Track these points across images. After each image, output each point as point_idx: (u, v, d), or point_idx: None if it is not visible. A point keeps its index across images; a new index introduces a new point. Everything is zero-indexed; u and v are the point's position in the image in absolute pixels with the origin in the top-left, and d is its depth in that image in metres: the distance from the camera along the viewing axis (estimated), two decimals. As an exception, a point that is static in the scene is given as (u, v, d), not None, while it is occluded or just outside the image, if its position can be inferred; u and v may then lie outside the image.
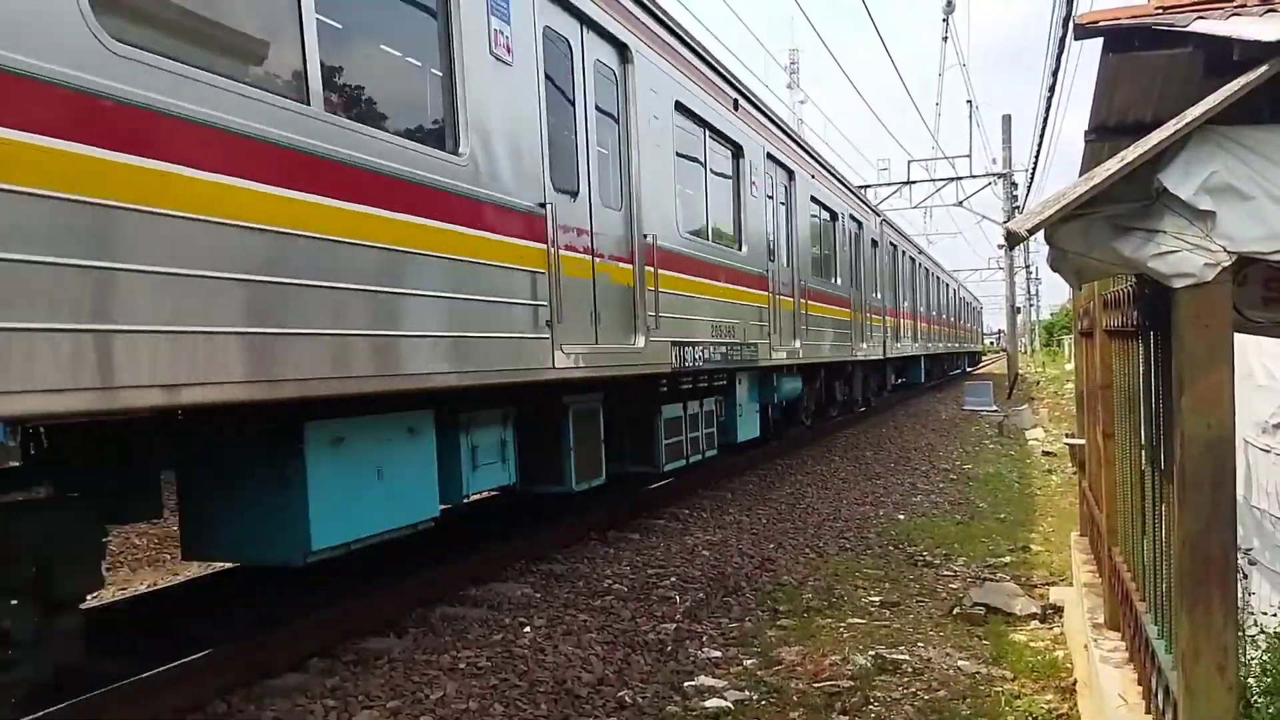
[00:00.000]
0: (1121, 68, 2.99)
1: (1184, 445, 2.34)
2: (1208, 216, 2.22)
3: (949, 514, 9.21)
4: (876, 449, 14.82)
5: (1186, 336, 2.32)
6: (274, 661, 4.72)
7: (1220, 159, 2.22)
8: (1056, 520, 8.72)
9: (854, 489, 10.82)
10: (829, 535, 8.17)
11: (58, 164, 2.94)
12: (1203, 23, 2.42)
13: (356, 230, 4.17)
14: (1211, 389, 2.31)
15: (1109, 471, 4.21)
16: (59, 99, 2.96)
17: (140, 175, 3.21)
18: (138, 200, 3.19)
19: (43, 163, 2.89)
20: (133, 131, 3.21)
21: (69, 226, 2.97)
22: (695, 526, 8.52)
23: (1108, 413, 4.27)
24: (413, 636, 5.30)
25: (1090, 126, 3.85)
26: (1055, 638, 5.18)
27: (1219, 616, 2.34)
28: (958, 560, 7.17)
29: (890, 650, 5.01)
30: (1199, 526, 2.35)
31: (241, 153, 3.61)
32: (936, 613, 5.77)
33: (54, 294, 2.92)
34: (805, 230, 12.76)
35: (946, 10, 23.59)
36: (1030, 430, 17.30)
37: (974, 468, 12.64)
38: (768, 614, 5.82)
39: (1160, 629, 2.91)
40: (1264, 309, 2.71)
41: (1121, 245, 2.33)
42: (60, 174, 2.95)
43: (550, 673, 4.71)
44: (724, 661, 4.96)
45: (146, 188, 3.22)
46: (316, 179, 3.97)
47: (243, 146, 3.62)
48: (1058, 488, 10.87)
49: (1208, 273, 2.24)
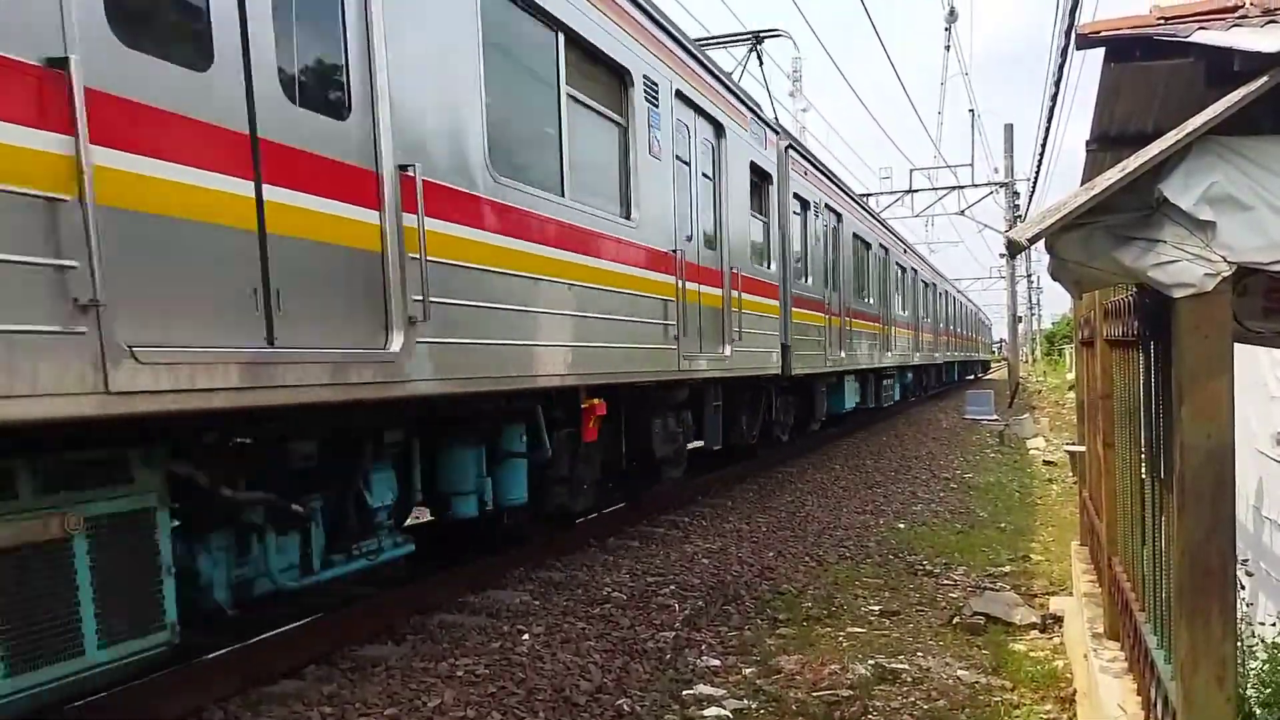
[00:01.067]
0: (1123, 78, 3.00)
1: (1184, 455, 2.34)
2: (1208, 226, 2.22)
3: (949, 523, 9.19)
4: (877, 457, 14.80)
5: (1186, 346, 2.32)
6: (271, 668, 4.70)
7: (1221, 169, 2.22)
8: (1057, 529, 8.71)
9: (854, 497, 10.81)
10: (829, 543, 8.15)
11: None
12: (1204, 33, 2.42)
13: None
14: (1211, 399, 2.31)
15: (1109, 481, 4.21)
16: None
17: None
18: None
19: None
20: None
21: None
22: (695, 534, 8.51)
23: (1108, 422, 4.27)
24: (410, 644, 5.29)
25: (1092, 136, 3.86)
26: (1055, 647, 5.16)
27: (1218, 627, 2.34)
28: (958, 569, 7.15)
29: (890, 659, 5.00)
30: (1198, 537, 2.34)
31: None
32: (936, 622, 5.76)
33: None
34: (849, 259, 15.42)
35: (949, 20, 23.65)
36: (1031, 439, 17.29)
37: (974, 476, 12.62)
38: (767, 622, 5.81)
39: (1160, 639, 2.90)
40: (1264, 319, 2.71)
41: (1122, 255, 2.33)
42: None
43: (548, 681, 4.70)
44: (723, 670, 4.94)
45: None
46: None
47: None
48: (1058, 497, 10.86)
49: (1208, 283, 2.24)
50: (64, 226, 3.02)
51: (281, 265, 3.87)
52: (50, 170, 3.00)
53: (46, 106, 2.99)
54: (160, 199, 3.40)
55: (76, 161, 3.04)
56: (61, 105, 3.01)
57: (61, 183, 3.02)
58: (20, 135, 2.93)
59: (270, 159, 3.86)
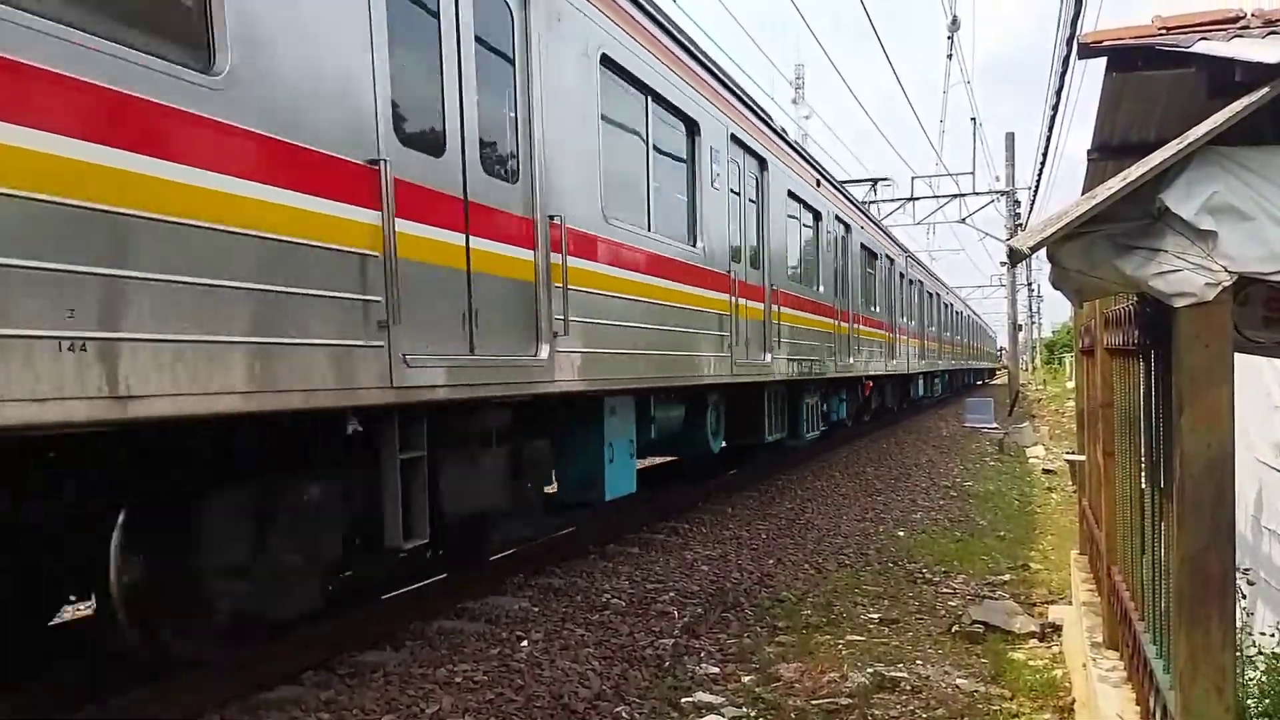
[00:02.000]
0: (1125, 87, 3.00)
1: (1184, 464, 2.34)
2: (1209, 236, 2.22)
3: (949, 531, 9.18)
4: (877, 465, 14.79)
5: (1187, 355, 2.32)
6: (269, 673, 4.69)
7: (1222, 179, 2.22)
8: (1056, 538, 8.70)
9: (854, 505, 10.80)
10: (828, 551, 8.14)
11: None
12: (1205, 44, 2.43)
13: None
14: (1211, 408, 2.31)
15: (1109, 490, 4.21)
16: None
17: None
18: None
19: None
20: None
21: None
22: (695, 541, 8.50)
23: (1108, 431, 4.27)
24: (409, 649, 5.28)
25: (1093, 145, 3.86)
26: (1054, 656, 5.15)
27: (1217, 637, 2.33)
28: (957, 577, 7.14)
29: (889, 668, 4.99)
30: (1198, 546, 2.34)
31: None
32: (935, 630, 5.75)
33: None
34: (857, 268, 16.38)
35: (951, 28, 23.66)
36: (1031, 448, 17.28)
37: (974, 484, 12.61)
38: (766, 630, 5.80)
39: (1159, 649, 2.89)
40: (1265, 329, 2.71)
41: (1123, 264, 2.33)
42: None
43: (547, 687, 4.69)
44: (722, 678, 4.93)
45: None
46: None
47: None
48: (1058, 506, 10.85)
49: (1208, 292, 2.24)
50: (725, 322, 7.45)
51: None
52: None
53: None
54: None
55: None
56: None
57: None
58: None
59: (747, 289, 7.45)
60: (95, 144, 3.00)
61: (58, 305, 2.86)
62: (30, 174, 2.80)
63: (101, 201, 3.01)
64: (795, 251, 12.61)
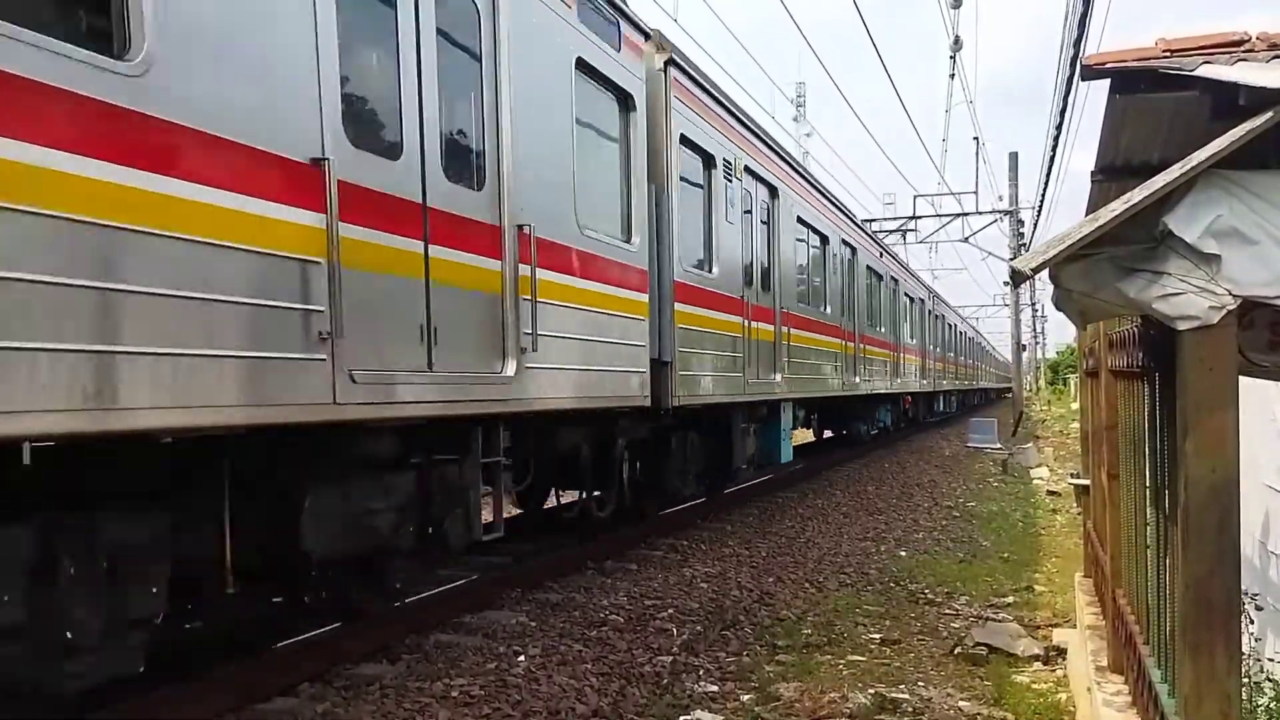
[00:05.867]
0: (1128, 109, 3.00)
1: (1188, 488, 2.32)
2: (1213, 260, 2.22)
3: (951, 551, 9.13)
4: (879, 483, 14.74)
5: (1191, 379, 2.31)
6: (265, 686, 4.67)
7: (1226, 203, 2.22)
8: (1061, 561, 8.65)
9: (855, 524, 10.75)
10: (829, 570, 8.10)
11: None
12: (1209, 67, 2.42)
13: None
14: (1216, 432, 2.29)
15: (1113, 512, 4.18)
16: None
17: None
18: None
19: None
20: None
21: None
22: (694, 558, 8.46)
23: (1113, 453, 4.25)
24: (406, 663, 5.25)
25: (1097, 167, 3.85)
26: (1058, 680, 5.11)
27: (1223, 663, 2.31)
28: (960, 599, 7.10)
29: (890, 689, 4.94)
30: (1203, 570, 2.32)
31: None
32: (938, 652, 5.71)
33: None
34: (863, 292, 16.97)
35: (954, 48, 23.75)
36: (1035, 469, 17.21)
37: (977, 505, 12.56)
38: (766, 649, 5.76)
39: (1164, 673, 2.87)
40: (1269, 353, 2.70)
41: (1126, 286, 2.32)
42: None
43: (544, 703, 4.65)
44: (721, 696, 4.90)
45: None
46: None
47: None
48: (1062, 528, 10.79)
49: (1212, 315, 2.24)
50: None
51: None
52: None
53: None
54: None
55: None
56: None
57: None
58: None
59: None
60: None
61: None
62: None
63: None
64: (804, 274, 13.05)
